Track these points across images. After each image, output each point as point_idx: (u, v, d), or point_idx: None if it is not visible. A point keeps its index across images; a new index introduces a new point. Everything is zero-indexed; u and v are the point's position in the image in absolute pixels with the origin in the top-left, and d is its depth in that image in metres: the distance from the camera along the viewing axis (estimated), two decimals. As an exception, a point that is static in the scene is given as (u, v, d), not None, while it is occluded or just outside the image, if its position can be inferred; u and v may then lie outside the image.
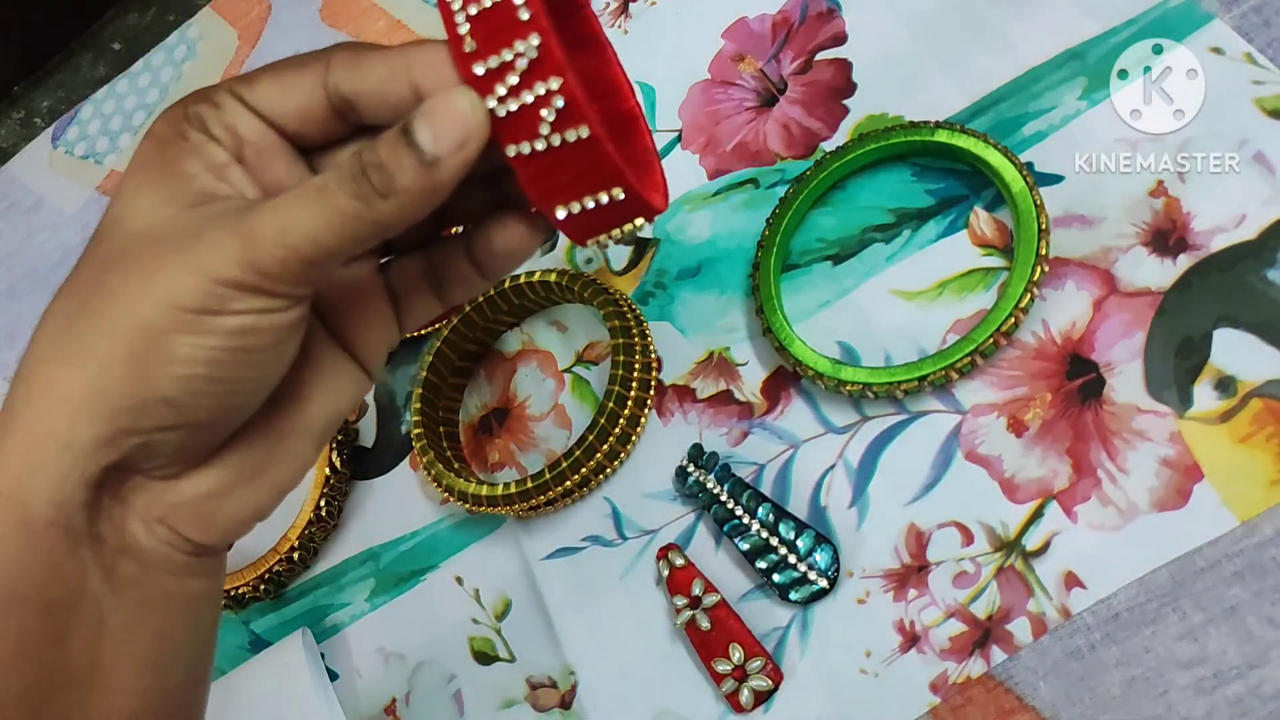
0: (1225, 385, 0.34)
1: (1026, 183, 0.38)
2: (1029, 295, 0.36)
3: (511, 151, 0.24)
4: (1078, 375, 0.37)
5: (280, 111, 0.27)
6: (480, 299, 0.47)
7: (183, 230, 0.25)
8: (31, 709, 0.25)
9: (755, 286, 0.42)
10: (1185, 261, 0.36)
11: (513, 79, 0.22)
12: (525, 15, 0.22)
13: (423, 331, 0.49)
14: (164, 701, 0.28)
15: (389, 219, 0.24)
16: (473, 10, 0.22)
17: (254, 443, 0.28)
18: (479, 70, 0.23)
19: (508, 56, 0.22)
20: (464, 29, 0.22)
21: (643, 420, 0.44)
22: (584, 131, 0.23)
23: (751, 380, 0.43)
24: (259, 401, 0.27)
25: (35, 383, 0.25)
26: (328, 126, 0.27)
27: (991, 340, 0.36)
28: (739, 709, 0.38)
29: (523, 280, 0.46)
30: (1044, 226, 0.37)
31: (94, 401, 0.24)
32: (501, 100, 0.23)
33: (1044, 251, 0.36)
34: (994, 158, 0.39)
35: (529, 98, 0.23)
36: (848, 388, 0.39)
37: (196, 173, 0.26)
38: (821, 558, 0.38)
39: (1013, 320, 0.36)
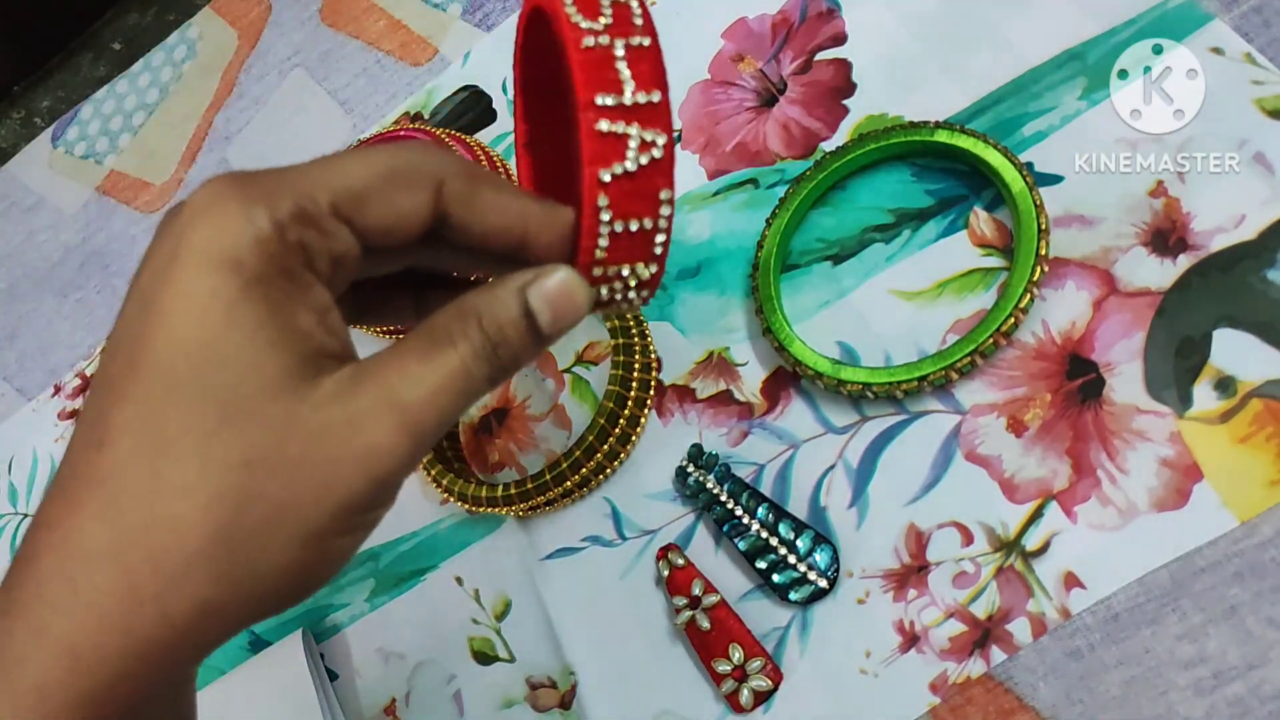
0: (1225, 385, 0.34)
1: (1026, 183, 0.38)
2: (1029, 295, 0.36)
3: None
4: (1077, 375, 0.37)
5: (389, 234, 0.25)
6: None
7: (335, 423, 0.22)
8: None
9: (755, 286, 0.42)
10: (1185, 261, 0.36)
11: (618, 285, 0.25)
12: (658, 250, 0.24)
13: None
14: None
15: (501, 382, 0.25)
16: (618, 228, 0.24)
17: None
18: (597, 272, 0.24)
19: (625, 274, 0.24)
20: (602, 244, 0.24)
21: (643, 420, 0.44)
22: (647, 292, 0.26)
23: (751, 380, 0.43)
24: None
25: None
26: (410, 244, 0.25)
27: (991, 340, 0.36)
28: (739, 709, 0.38)
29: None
30: (1044, 226, 0.37)
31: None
32: (602, 290, 0.25)
33: (1044, 251, 0.36)
34: (994, 158, 0.39)
35: (619, 290, 0.25)
36: (847, 388, 0.39)
37: (309, 328, 0.23)
38: (821, 558, 0.38)
39: (1013, 320, 0.36)
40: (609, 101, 0.23)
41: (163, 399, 0.22)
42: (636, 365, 0.42)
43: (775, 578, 0.38)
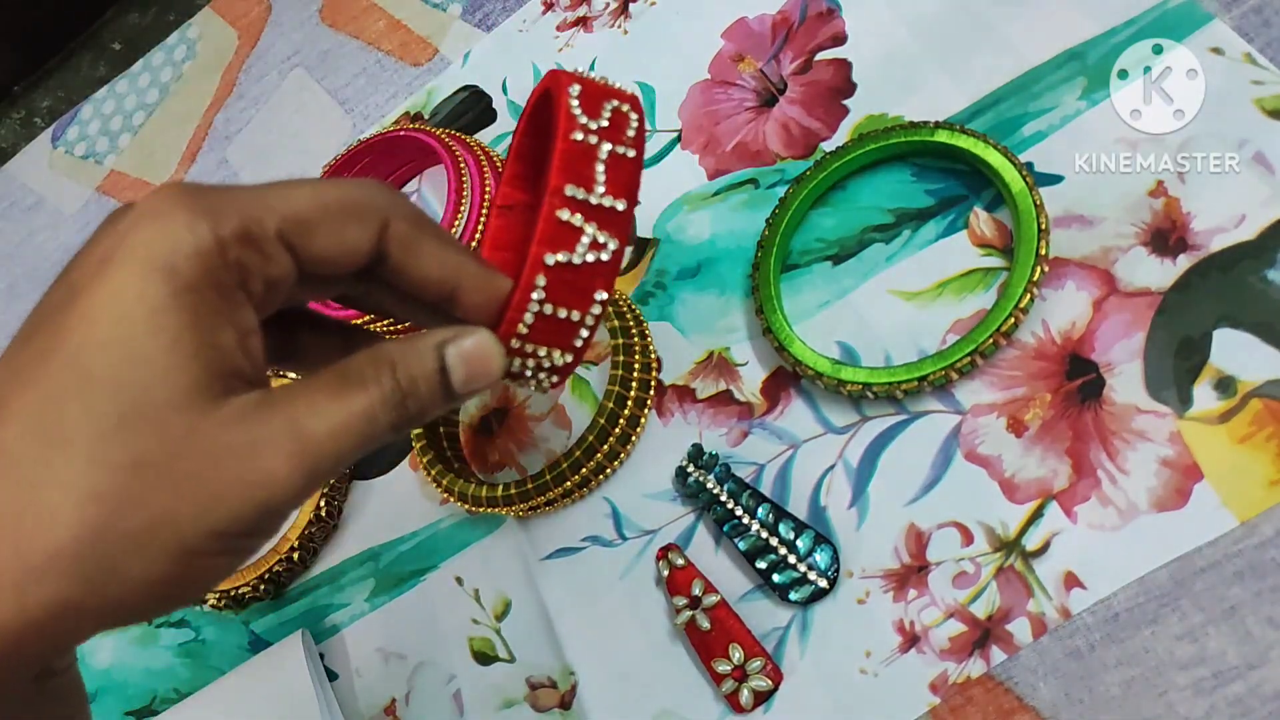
0: (1225, 385, 0.34)
1: (1026, 183, 0.38)
2: (1029, 295, 0.36)
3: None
4: (1078, 375, 0.37)
5: (329, 263, 0.25)
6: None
7: (234, 444, 0.22)
8: None
9: (755, 286, 0.42)
10: (1185, 261, 0.36)
11: (531, 364, 0.26)
12: (578, 343, 0.26)
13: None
14: None
15: (405, 432, 0.26)
16: (546, 310, 0.25)
17: None
18: (515, 345, 0.26)
19: (542, 354, 0.26)
20: (528, 320, 0.25)
21: (643, 420, 0.44)
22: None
23: (751, 380, 0.43)
24: None
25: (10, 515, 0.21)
26: (345, 276, 0.26)
27: (991, 340, 0.36)
28: (739, 709, 0.38)
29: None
30: (1044, 226, 0.37)
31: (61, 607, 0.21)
32: (515, 362, 0.26)
33: (1044, 251, 0.36)
34: (994, 158, 0.39)
35: (531, 368, 0.26)
36: (847, 388, 0.39)
37: (229, 347, 0.23)
38: (821, 558, 0.38)
39: (1012, 320, 0.36)
40: (577, 195, 0.24)
41: (68, 391, 0.22)
42: (637, 365, 0.42)
43: (775, 578, 0.38)
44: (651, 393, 0.44)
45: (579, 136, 0.25)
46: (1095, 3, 0.41)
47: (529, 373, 0.27)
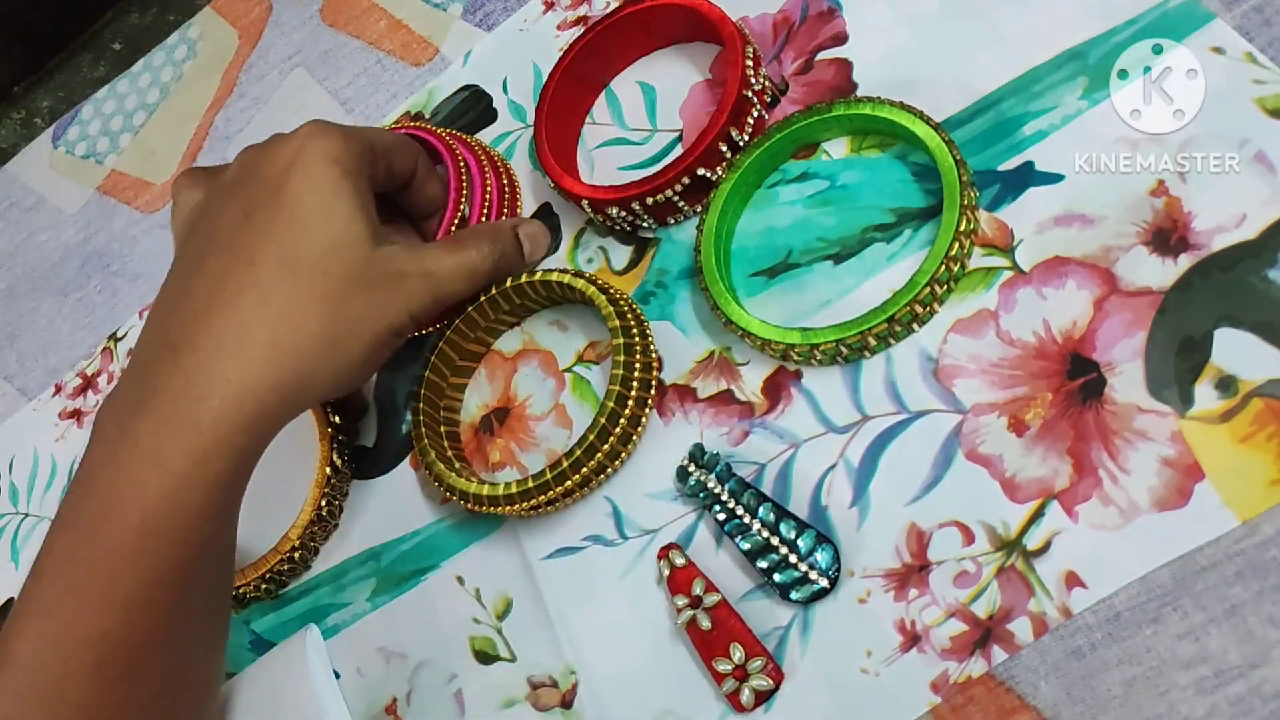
0: (1226, 385, 0.34)
1: (942, 139, 0.39)
2: (958, 244, 0.38)
3: None
4: (1078, 375, 0.37)
5: (394, 175, 0.41)
6: (481, 299, 0.47)
7: (391, 269, 0.37)
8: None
9: (703, 287, 0.42)
10: (1186, 261, 0.36)
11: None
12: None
13: (423, 332, 0.49)
14: None
15: (496, 279, 0.45)
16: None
17: None
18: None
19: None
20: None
21: (643, 420, 0.44)
22: None
23: (752, 380, 0.43)
24: None
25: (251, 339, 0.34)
26: (397, 188, 0.43)
27: (928, 289, 0.38)
28: (740, 709, 0.38)
29: (523, 280, 0.46)
30: (965, 179, 0.39)
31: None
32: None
33: (967, 203, 0.38)
34: (900, 117, 0.40)
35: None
36: (795, 350, 0.40)
37: (374, 211, 0.37)
38: (822, 557, 0.38)
39: (944, 268, 0.38)
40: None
41: (294, 234, 0.34)
42: (637, 365, 0.42)
43: (776, 577, 0.38)
44: (652, 392, 0.44)
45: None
46: (1095, 2, 0.41)
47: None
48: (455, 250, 0.40)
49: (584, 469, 0.42)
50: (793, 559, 0.38)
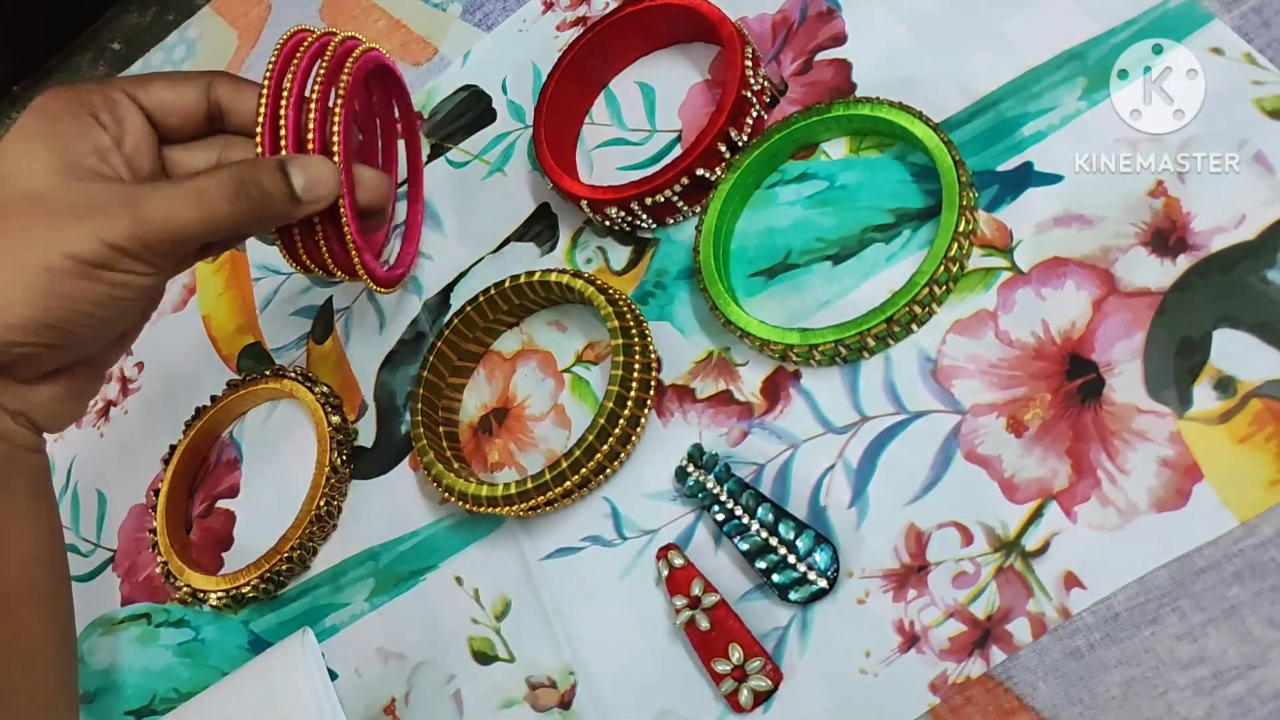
0: (1225, 385, 0.34)
1: (941, 139, 0.39)
2: (957, 245, 0.38)
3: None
4: (1077, 375, 0.37)
5: (167, 109, 0.39)
6: (480, 298, 0.47)
7: (80, 200, 0.35)
8: None
9: (702, 287, 0.42)
10: (1185, 261, 0.36)
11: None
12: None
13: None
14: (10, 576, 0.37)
15: (245, 226, 0.38)
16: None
17: (86, 365, 0.39)
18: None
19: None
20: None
21: (642, 420, 0.44)
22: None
23: (751, 380, 0.43)
24: (111, 338, 0.39)
25: None
26: (196, 127, 0.40)
27: (926, 290, 0.38)
28: (738, 709, 0.38)
29: (523, 280, 0.46)
30: (964, 179, 0.39)
31: None
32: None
33: (966, 204, 0.38)
34: (901, 118, 0.40)
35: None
36: (795, 350, 0.40)
37: (85, 152, 0.36)
38: (821, 558, 0.38)
39: (943, 269, 0.37)
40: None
41: (7, 181, 0.36)
42: (636, 365, 0.42)
43: (775, 578, 0.38)
44: (651, 392, 0.44)
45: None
46: (1095, 3, 0.41)
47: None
48: (182, 182, 0.36)
49: (583, 469, 0.42)
50: (791, 559, 0.38)
